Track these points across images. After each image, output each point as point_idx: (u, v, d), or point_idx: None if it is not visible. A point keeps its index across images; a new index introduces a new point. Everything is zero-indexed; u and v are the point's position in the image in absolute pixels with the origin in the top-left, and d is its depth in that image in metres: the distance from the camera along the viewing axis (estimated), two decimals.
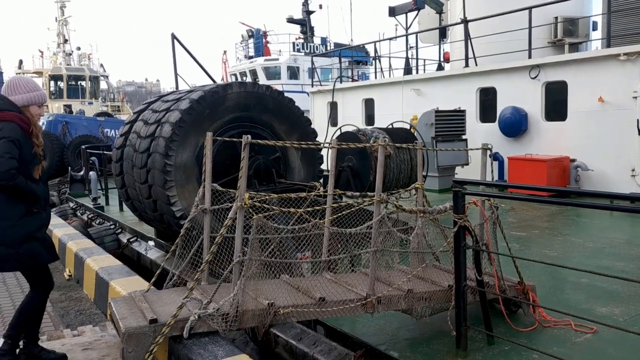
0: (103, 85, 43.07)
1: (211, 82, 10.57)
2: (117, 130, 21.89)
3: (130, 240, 9.58)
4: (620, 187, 10.83)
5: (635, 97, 10.64)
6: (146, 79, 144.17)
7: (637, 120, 10.62)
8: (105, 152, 14.45)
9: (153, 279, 4.87)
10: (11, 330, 3.90)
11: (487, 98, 13.98)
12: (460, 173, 13.27)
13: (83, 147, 16.54)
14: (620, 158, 11.00)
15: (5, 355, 3.83)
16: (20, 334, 3.96)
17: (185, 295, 4.08)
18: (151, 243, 8.83)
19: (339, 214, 4.61)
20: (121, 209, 11.98)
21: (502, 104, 13.20)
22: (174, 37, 11.50)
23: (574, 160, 11.66)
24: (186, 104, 6.72)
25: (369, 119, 17.45)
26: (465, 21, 14.09)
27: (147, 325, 3.86)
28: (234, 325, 3.98)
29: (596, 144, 11.45)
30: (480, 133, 13.55)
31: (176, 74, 12.12)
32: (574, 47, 14.56)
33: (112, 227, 10.68)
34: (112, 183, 11.47)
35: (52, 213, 11.64)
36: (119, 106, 42.93)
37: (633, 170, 10.81)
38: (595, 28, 15.08)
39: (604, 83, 11.21)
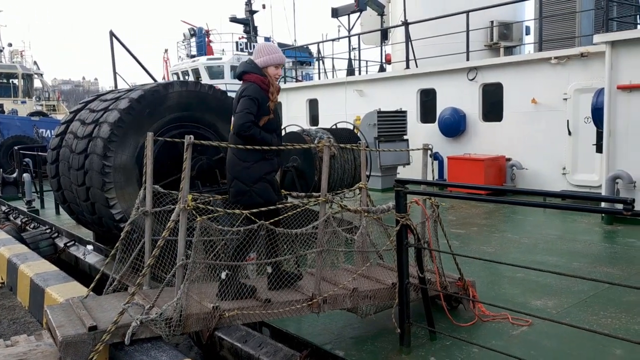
0: (37, 83, 41.23)
1: (152, 81, 10.33)
2: (52, 131, 21.03)
3: (68, 244, 9.24)
4: (553, 185, 11.36)
5: (566, 99, 11.18)
6: (83, 78, 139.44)
7: (567, 121, 11.17)
8: (40, 153, 13.93)
9: (92, 285, 4.72)
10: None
11: (428, 99, 14.32)
12: (402, 172, 13.54)
13: (16, 147, 15.81)
14: (552, 157, 11.52)
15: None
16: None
17: (126, 300, 3.97)
18: (90, 247, 8.55)
19: (285, 215, 4.60)
20: (57, 212, 11.55)
21: (442, 105, 13.56)
22: (112, 34, 11.18)
23: (509, 160, 12.13)
24: (125, 103, 6.54)
25: (313, 119, 17.52)
26: (405, 23, 14.38)
27: (86, 333, 3.73)
28: (177, 330, 3.90)
29: (530, 144, 11.95)
30: (421, 133, 13.87)
31: (115, 73, 11.77)
32: (509, 51, 15.15)
33: (47, 231, 10.27)
34: (47, 185, 11.05)
35: None
36: (54, 105, 41.20)
37: (564, 168, 11.35)
38: (528, 32, 15.73)
39: (537, 85, 11.72)
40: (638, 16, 11.62)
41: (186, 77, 28.75)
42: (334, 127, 11.54)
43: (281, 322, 4.71)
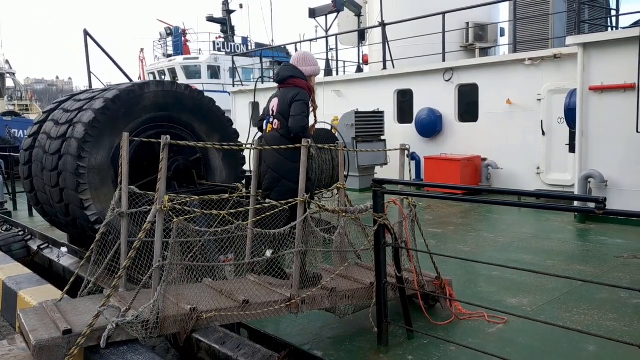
0: (9, 82, 40.45)
1: (127, 81, 10.21)
2: (25, 131, 20.63)
3: (41, 246, 9.08)
4: (527, 185, 11.54)
5: (540, 100, 11.36)
6: (57, 77, 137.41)
7: (541, 121, 11.35)
8: (12, 154, 13.69)
9: (66, 288, 4.64)
10: None
11: (404, 100, 14.42)
12: (380, 173, 13.60)
13: None
14: (527, 157, 11.70)
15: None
16: None
17: (102, 303, 3.92)
18: (64, 249, 8.41)
19: (262, 215, 4.59)
20: (30, 214, 11.35)
21: (419, 106, 13.66)
22: (86, 33, 11.03)
23: (485, 160, 12.28)
24: (100, 103, 6.46)
25: None
26: (382, 24, 14.44)
27: (60, 337, 3.67)
28: (154, 333, 3.86)
29: (505, 144, 12.12)
30: (398, 134, 13.95)
31: (89, 72, 11.61)
32: (484, 52, 15.34)
33: (20, 233, 10.08)
34: (20, 187, 10.86)
35: None
36: (27, 105, 40.47)
37: (538, 168, 11.53)
38: (502, 34, 15.94)
39: (512, 86, 11.88)
40: (609, 19, 11.86)
41: (162, 77, 28.47)
42: None
43: (259, 323, 4.70)
